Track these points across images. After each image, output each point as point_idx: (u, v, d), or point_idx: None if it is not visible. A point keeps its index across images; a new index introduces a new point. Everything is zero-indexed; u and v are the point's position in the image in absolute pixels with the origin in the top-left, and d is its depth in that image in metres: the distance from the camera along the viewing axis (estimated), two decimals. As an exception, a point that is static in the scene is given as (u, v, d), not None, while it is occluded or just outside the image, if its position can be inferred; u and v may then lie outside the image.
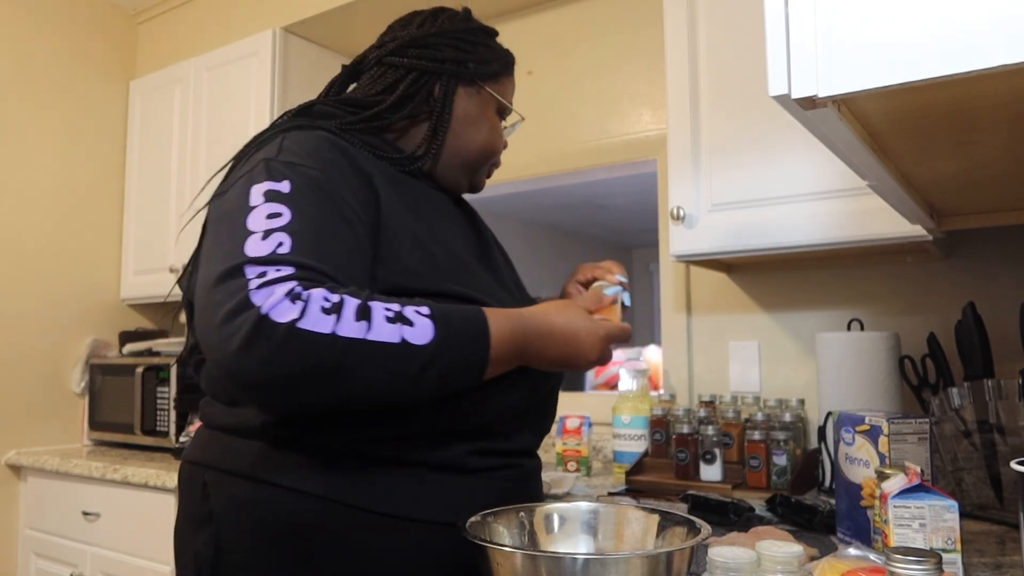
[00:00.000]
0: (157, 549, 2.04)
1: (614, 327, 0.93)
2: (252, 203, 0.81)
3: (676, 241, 1.63)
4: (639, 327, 7.15)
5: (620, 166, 2.21)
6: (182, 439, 2.30)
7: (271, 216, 0.79)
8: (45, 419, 2.61)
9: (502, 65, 1.11)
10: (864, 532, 1.08)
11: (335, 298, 0.75)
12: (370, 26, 2.44)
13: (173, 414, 2.37)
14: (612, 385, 4.33)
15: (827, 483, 1.50)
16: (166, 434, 2.38)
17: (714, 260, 1.74)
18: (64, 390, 2.67)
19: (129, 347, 2.67)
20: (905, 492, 0.92)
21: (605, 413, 2.07)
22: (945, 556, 0.89)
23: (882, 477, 1.00)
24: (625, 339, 0.95)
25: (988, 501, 1.28)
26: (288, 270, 0.75)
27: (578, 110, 2.27)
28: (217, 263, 0.77)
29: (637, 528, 0.82)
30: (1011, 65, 0.52)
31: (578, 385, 5.01)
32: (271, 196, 0.81)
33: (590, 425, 1.93)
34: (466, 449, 0.90)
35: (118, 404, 2.52)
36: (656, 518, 0.81)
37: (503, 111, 1.12)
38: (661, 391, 2.03)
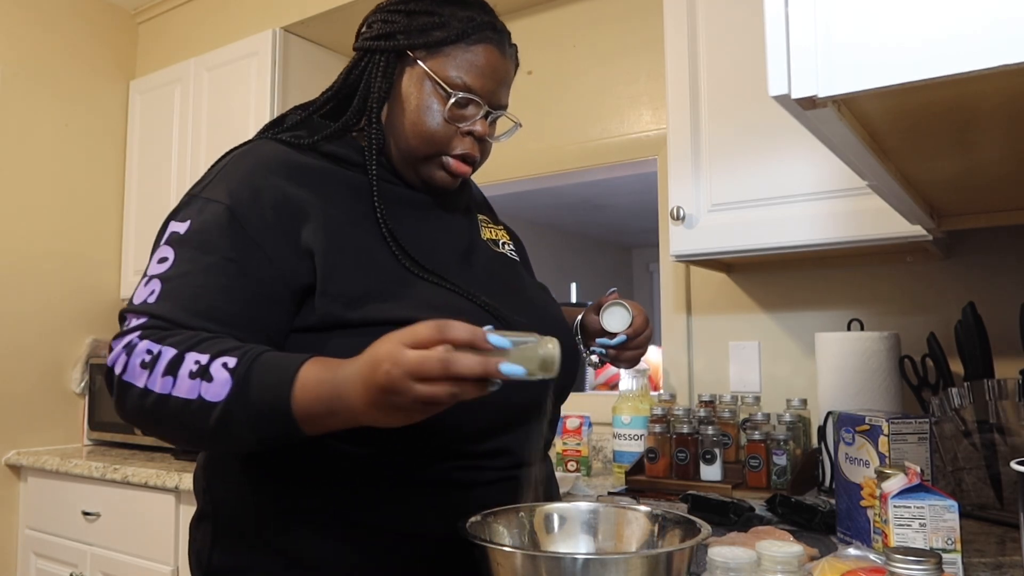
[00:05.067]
0: (157, 549, 2.04)
1: (419, 329, 0.68)
2: (159, 242, 0.86)
3: (676, 241, 1.62)
4: (639, 327, 7.13)
5: (620, 166, 2.21)
6: (182, 439, 2.30)
7: (160, 260, 0.84)
8: (45, 419, 2.61)
9: (453, 33, 0.92)
10: (864, 532, 1.08)
11: (155, 350, 0.77)
12: (370, 26, 2.43)
13: (173, 414, 2.37)
14: (612, 385, 4.33)
15: (827, 483, 1.50)
16: (166, 434, 2.38)
17: (714, 260, 1.74)
18: (64, 390, 2.67)
19: (129, 347, 2.67)
20: (905, 492, 0.92)
21: (605, 413, 2.07)
22: (945, 556, 0.89)
23: (882, 477, 1.00)
24: (433, 336, 0.68)
25: (988, 501, 1.28)
26: (142, 320, 0.80)
27: (578, 110, 2.27)
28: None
29: (637, 528, 0.82)
30: (1011, 65, 0.52)
31: (578, 385, 5.01)
32: (170, 238, 0.85)
33: (590, 425, 1.93)
34: (451, 465, 0.88)
35: (118, 404, 2.52)
36: (656, 518, 0.81)
37: (446, 89, 0.92)
38: (661, 391, 2.03)
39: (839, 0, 0.59)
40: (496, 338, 0.69)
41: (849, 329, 1.59)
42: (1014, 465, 0.86)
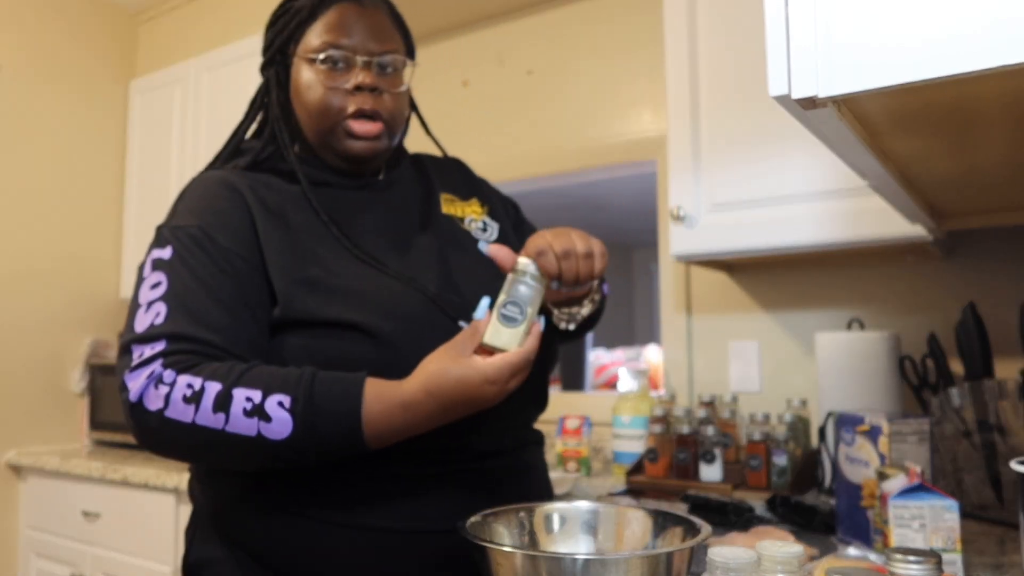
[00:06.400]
0: (157, 549, 2.04)
1: (500, 364, 0.80)
2: (144, 274, 0.89)
3: (676, 241, 1.63)
4: (639, 327, 7.15)
5: (620, 166, 2.21)
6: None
7: (154, 286, 0.87)
8: (45, 419, 2.61)
9: (305, 15, 0.99)
10: (864, 532, 1.08)
11: (197, 384, 0.80)
12: (370, 26, 2.42)
13: (173, 414, 2.37)
14: (612, 385, 4.33)
15: (827, 483, 1.50)
16: (166, 434, 2.38)
17: (714, 260, 1.74)
18: (64, 390, 2.67)
19: (129, 347, 2.67)
20: (905, 492, 0.92)
21: (605, 413, 2.07)
22: (945, 556, 0.89)
23: (882, 477, 1.00)
24: (520, 365, 0.81)
25: (988, 501, 1.28)
26: (160, 345, 0.82)
27: (578, 110, 2.27)
28: (122, 337, 0.87)
29: (637, 528, 0.82)
30: (1011, 66, 0.52)
31: (578, 385, 5.01)
32: (156, 265, 0.88)
33: (590, 425, 1.93)
34: (412, 455, 0.88)
35: (118, 404, 2.52)
36: (656, 518, 0.81)
37: (323, 60, 0.97)
38: (661, 391, 2.03)
39: (839, 0, 0.59)
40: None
41: (849, 329, 1.59)
42: (1014, 465, 0.86)
